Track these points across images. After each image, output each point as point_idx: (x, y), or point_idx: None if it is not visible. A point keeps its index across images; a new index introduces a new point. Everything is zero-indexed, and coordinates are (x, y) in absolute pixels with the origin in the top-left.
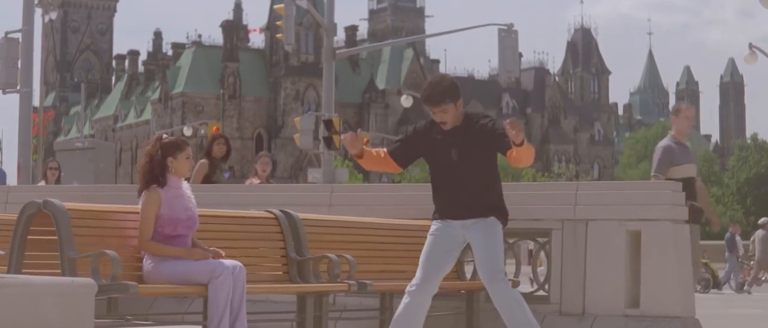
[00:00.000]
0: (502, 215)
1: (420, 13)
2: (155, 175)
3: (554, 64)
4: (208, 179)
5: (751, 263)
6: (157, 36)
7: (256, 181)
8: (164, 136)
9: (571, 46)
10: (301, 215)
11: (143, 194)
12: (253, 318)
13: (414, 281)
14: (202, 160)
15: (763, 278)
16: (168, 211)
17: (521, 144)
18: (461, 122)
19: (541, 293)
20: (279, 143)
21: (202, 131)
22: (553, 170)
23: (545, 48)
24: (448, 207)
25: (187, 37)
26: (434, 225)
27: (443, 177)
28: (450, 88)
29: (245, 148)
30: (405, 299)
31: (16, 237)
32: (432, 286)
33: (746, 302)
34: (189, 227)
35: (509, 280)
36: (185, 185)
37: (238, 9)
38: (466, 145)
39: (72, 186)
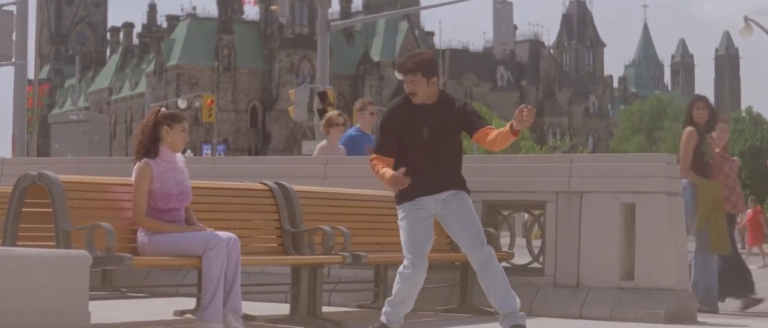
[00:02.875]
0: (467, 189)
1: None
2: (147, 146)
3: (549, 37)
4: (698, 150)
5: None
6: (152, 8)
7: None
8: (162, 109)
9: (566, 19)
10: (295, 187)
11: (135, 167)
12: (248, 290)
13: (406, 264)
14: (690, 129)
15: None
16: (160, 185)
17: (517, 133)
18: (435, 101)
19: (535, 265)
20: (273, 116)
21: (197, 104)
22: (548, 143)
23: (540, 20)
24: (419, 185)
25: (182, 9)
26: (404, 210)
27: (414, 155)
28: (425, 63)
29: (240, 121)
30: (401, 282)
31: (10, 209)
32: (425, 265)
33: None
34: (181, 202)
35: (505, 252)
36: (179, 157)
37: None
38: (439, 124)
39: (66, 158)
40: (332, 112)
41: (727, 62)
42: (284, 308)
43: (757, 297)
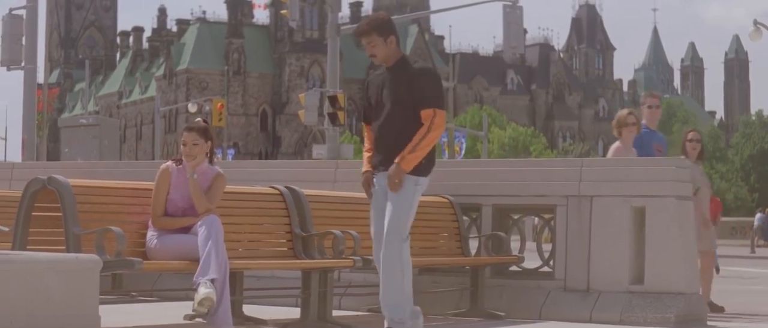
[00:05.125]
0: (418, 168)
1: None
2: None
3: (559, 40)
4: None
5: None
6: (162, 12)
7: None
8: (196, 120)
9: (576, 22)
10: (305, 191)
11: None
12: (258, 294)
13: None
14: None
15: None
16: (173, 194)
17: (405, 169)
18: (394, 63)
19: (545, 269)
20: (283, 119)
21: (207, 107)
22: (558, 147)
23: (550, 24)
24: (376, 155)
25: (192, 13)
26: (374, 177)
27: (376, 121)
28: (378, 22)
29: (250, 125)
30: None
31: (20, 214)
32: (377, 244)
33: (749, 280)
34: (186, 214)
35: (515, 256)
36: (208, 168)
37: None
38: (392, 86)
39: (76, 162)
40: (622, 112)
41: (737, 66)
42: (295, 312)
43: None
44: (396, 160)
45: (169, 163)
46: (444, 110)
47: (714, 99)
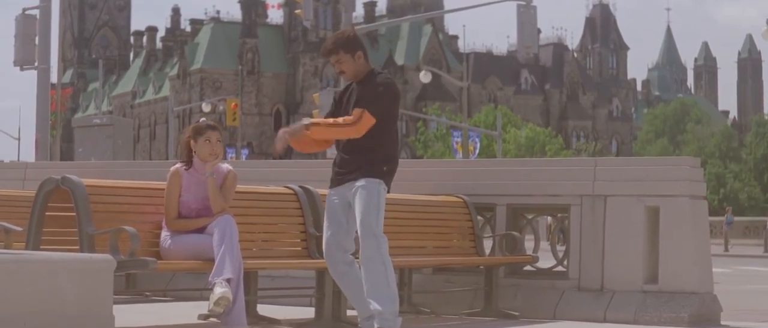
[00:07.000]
0: (371, 170)
1: None
2: (186, 158)
3: (573, 40)
4: None
5: None
6: (175, 12)
7: None
8: (201, 120)
9: (590, 22)
10: (320, 191)
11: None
12: (273, 294)
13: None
14: None
15: None
16: (185, 196)
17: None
18: (362, 78)
19: (559, 268)
20: (297, 119)
21: (221, 107)
22: (572, 146)
23: (563, 24)
24: (334, 167)
25: (206, 13)
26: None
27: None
28: (343, 40)
29: (264, 125)
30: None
31: (34, 213)
32: (327, 253)
33: (764, 278)
34: (200, 214)
35: (529, 255)
36: (222, 167)
37: None
38: (356, 99)
39: (90, 162)
40: None
41: (750, 65)
42: (309, 312)
43: None
44: (306, 122)
45: (179, 165)
46: (373, 118)
47: (727, 98)
